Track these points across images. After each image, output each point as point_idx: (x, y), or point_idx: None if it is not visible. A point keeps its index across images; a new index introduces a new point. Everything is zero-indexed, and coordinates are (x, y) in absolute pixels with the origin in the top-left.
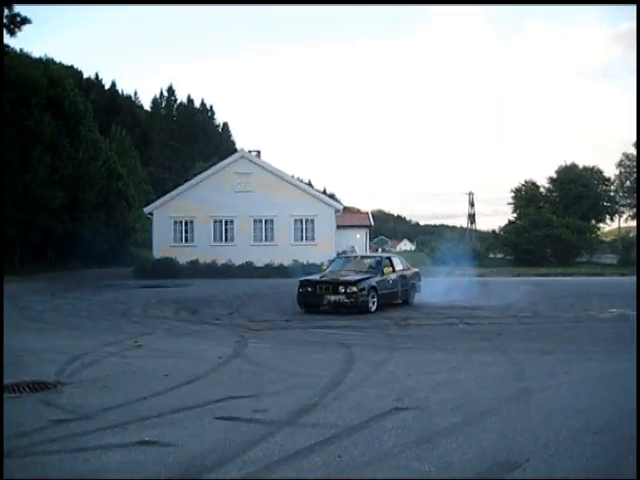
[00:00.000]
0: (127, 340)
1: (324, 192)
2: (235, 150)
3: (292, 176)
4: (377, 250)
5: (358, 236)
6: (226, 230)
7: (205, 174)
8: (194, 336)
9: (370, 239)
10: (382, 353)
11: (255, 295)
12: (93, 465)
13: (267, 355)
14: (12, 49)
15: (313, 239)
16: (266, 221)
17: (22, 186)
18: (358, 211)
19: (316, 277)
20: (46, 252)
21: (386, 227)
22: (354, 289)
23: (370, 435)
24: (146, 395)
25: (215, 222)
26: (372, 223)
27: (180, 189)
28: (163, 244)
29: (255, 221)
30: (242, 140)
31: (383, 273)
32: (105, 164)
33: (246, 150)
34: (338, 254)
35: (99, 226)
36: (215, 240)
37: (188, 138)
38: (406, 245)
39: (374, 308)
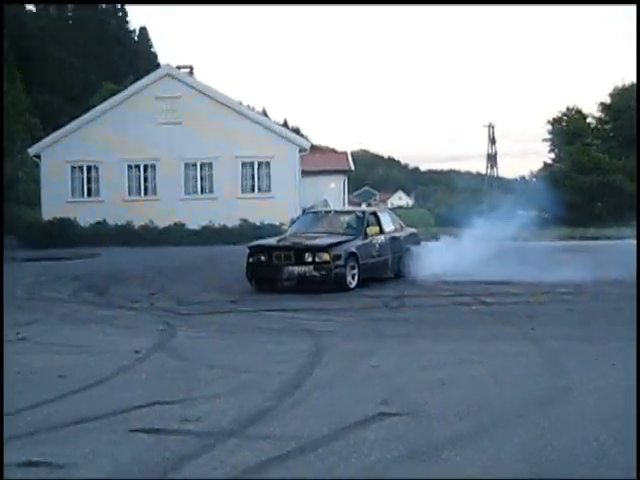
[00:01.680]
0: (6, 331)
1: (284, 125)
2: (157, 66)
3: (240, 103)
4: (360, 205)
5: (333, 185)
6: (145, 179)
7: (114, 100)
8: (102, 324)
9: (350, 191)
10: (363, 343)
11: (187, 268)
12: None
13: (202, 347)
14: None
15: (269, 190)
16: (202, 165)
17: None
18: (333, 151)
19: (272, 241)
20: None
21: (373, 174)
22: (325, 257)
23: (345, 448)
24: (34, 403)
25: (130, 167)
26: (352, 167)
27: (79, 122)
28: (57, 200)
29: (187, 165)
30: (168, 53)
31: (366, 235)
32: None
33: (173, 66)
34: (304, 210)
35: None
36: (130, 193)
37: (90, 50)
38: (401, 199)
39: (354, 283)
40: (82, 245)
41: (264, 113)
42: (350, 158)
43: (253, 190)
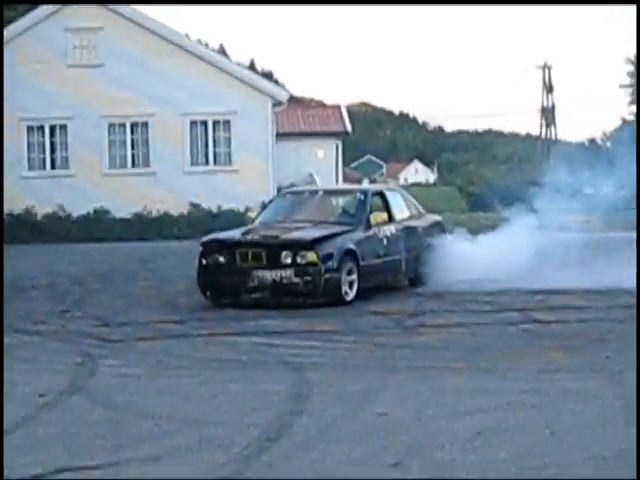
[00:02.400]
0: None
1: (251, 68)
2: None
3: (186, 37)
4: (360, 182)
5: (321, 154)
6: (53, 146)
7: (6, 34)
8: None
9: (346, 162)
10: (367, 379)
11: (114, 275)
12: None
13: (137, 389)
14: None
15: (229, 161)
16: (134, 126)
17: None
18: (321, 106)
19: (235, 235)
20: None
21: (378, 138)
22: (311, 257)
23: None
24: None
25: (30, 130)
26: (349, 128)
27: None
28: None
29: (112, 127)
30: None
31: (369, 225)
32: None
33: None
34: (280, 190)
35: None
36: (31, 167)
37: None
38: (419, 172)
39: (352, 294)
40: None
41: (222, 51)
42: (346, 115)
43: (207, 161)
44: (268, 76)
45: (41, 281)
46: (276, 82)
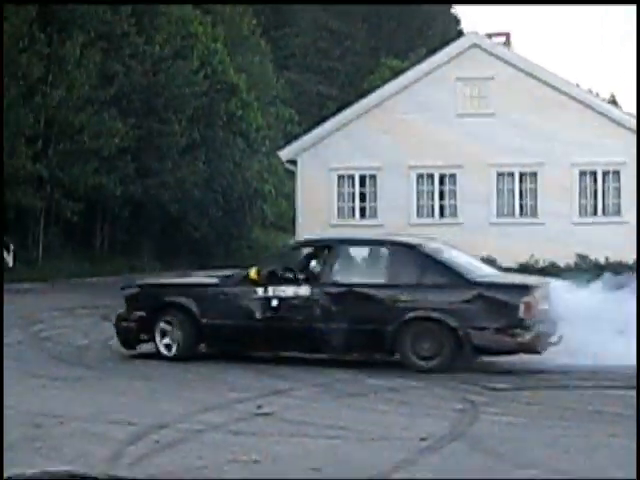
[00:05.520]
0: (245, 403)
1: None
2: (459, 34)
3: (577, 86)
4: None
5: None
6: (442, 194)
7: (399, 83)
8: (371, 398)
9: None
10: None
11: None
12: None
13: (516, 438)
14: None
15: (618, 212)
16: (522, 176)
17: (44, 110)
18: None
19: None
20: (93, 236)
21: None
22: None
23: None
24: None
25: (420, 178)
26: None
27: (350, 113)
28: (316, 222)
29: (499, 175)
30: (473, 17)
31: None
32: (204, 66)
33: (482, 33)
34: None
35: (192, 188)
36: (419, 214)
37: (365, 15)
38: None
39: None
40: None
41: (612, 102)
42: None
43: (595, 212)
44: None
45: None
46: None
